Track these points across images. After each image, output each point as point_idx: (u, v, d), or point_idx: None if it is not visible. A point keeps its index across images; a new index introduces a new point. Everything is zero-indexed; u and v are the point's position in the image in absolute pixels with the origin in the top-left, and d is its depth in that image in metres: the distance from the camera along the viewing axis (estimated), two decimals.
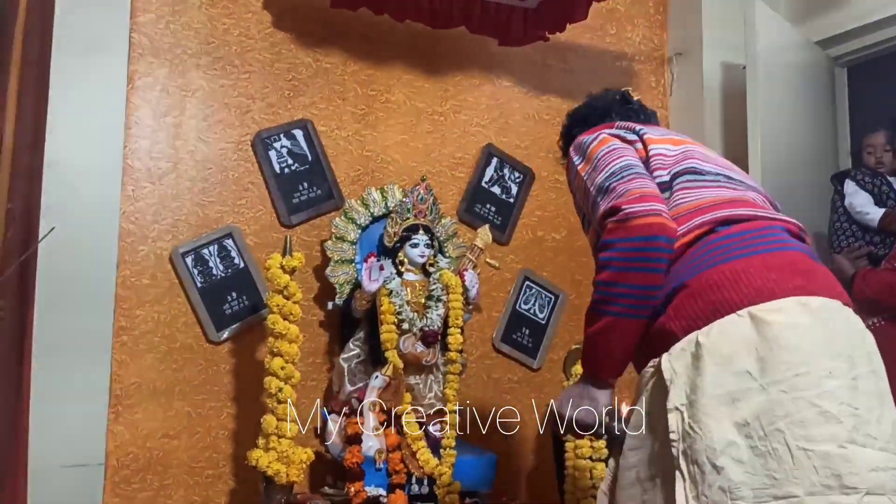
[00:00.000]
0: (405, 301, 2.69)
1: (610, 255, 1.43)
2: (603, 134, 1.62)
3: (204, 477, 2.68)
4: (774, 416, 1.28)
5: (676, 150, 1.60)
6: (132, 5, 2.65)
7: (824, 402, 1.28)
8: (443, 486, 2.56)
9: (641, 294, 1.42)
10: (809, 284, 1.39)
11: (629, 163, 1.53)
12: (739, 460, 1.28)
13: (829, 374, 1.29)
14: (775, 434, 1.27)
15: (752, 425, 1.29)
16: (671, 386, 1.36)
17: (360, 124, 3.05)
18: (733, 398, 1.30)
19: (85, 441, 2.47)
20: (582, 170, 1.60)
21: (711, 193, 1.51)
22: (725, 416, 1.30)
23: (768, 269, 1.38)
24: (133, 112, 2.66)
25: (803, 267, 1.42)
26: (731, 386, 1.31)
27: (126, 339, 2.60)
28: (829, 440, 1.26)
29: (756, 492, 1.27)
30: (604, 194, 1.50)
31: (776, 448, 1.27)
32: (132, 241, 2.63)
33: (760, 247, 1.43)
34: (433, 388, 2.75)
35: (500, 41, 3.18)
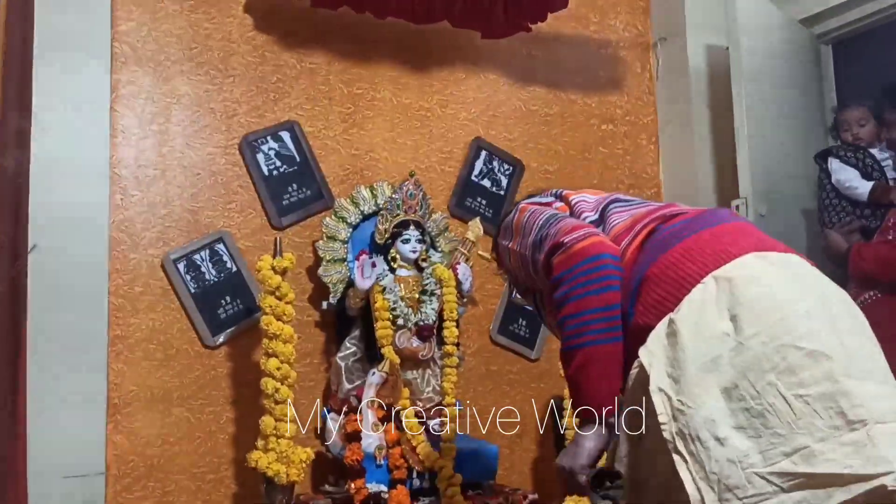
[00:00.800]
0: (399, 297, 2.70)
1: (564, 288, 1.41)
2: (521, 205, 1.64)
3: (206, 482, 2.69)
4: (761, 370, 1.22)
5: (595, 197, 1.63)
6: (113, 14, 2.65)
7: (808, 342, 1.22)
8: (444, 479, 2.56)
9: (606, 315, 1.38)
10: (763, 242, 1.38)
11: (552, 213, 1.54)
12: (740, 426, 1.22)
13: (807, 315, 1.24)
14: (767, 389, 1.21)
15: (741, 386, 1.23)
16: (651, 369, 1.31)
17: (347, 123, 3.06)
18: (717, 364, 1.25)
19: (85, 451, 2.47)
20: (513, 245, 1.60)
21: (643, 209, 1.53)
22: (713, 384, 1.25)
23: (720, 236, 1.38)
24: (118, 121, 2.66)
25: (753, 232, 1.42)
26: (713, 351, 1.26)
27: (122, 347, 2.60)
28: (824, 378, 1.20)
29: (765, 454, 1.20)
30: (540, 246, 1.49)
31: (772, 403, 1.21)
32: (123, 250, 2.63)
33: (705, 223, 1.43)
34: (431, 382, 2.75)
35: (483, 34, 3.18)
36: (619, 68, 3.64)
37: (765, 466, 1.20)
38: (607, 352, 1.38)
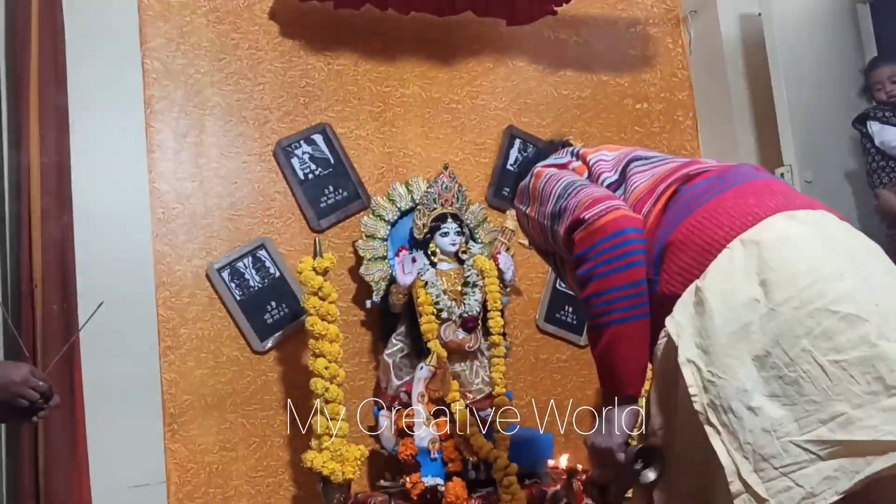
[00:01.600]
0: (441, 290, 2.69)
1: (588, 265, 1.38)
2: (536, 169, 1.60)
3: (264, 485, 2.72)
4: (795, 337, 1.18)
5: (614, 153, 1.59)
6: (141, 31, 2.70)
7: (843, 305, 1.17)
8: (500, 469, 2.54)
9: (633, 292, 1.35)
10: (791, 202, 1.32)
11: (570, 180, 1.50)
12: (773, 395, 1.18)
13: (839, 275, 1.20)
14: (801, 356, 1.17)
15: (773, 354, 1.19)
16: (679, 340, 1.27)
17: (378, 122, 3.06)
18: (747, 331, 1.21)
19: (145, 461, 2.51)
20: (530, 211, 1.58)
21: (665, 167, 1.49)
22: (745, 353, 1.20)
23: (744, 197, 1.33)
24: (154, 136, 2.70)
25: (778, 188, 1.37)
26: (744, 318, 1.21)
27: (173, 357, 2.64)
28: (860, 343, 1.15)
29: (800, 422, 1.16)
30: (559, 218, 1.47)
31: (807, 370, 1.16)
32: (168, 262, 2.68)
33: (729, 183, 1.38)
34: (479, 373, 2.74)
35: (509, 21, 3.16)
36: (650, 45, 3.58)
37: (801, 434, 1.16)
38: (635, 329, 1.34)
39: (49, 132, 2.34)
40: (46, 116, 2.34)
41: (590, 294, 1.37)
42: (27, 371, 1.63)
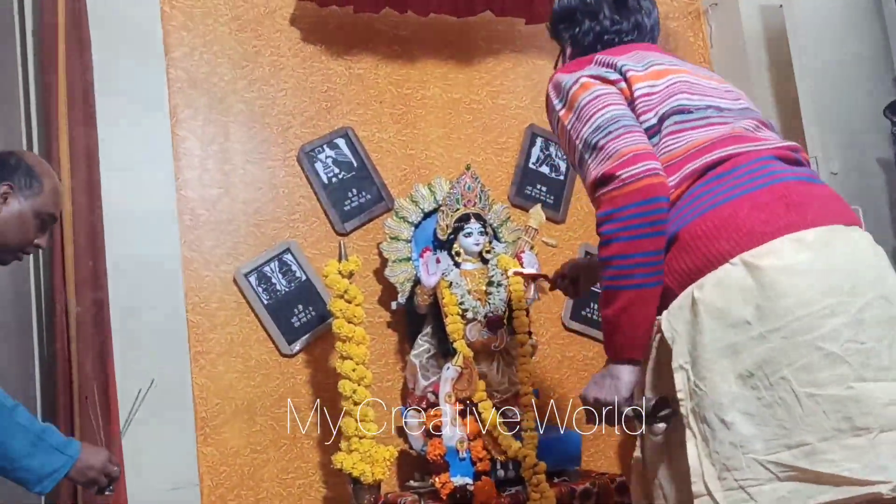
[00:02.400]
0: (466, 290, 2.70)
1: (614, 226, 1.37)
2: (584, 78, 1.51)
3: (296, 487, 2.75)
4: (778, 365, 1.25)
5: (661, 84, 1.50)
6: (165, 41, 2.73)
7: (827, 343, 1.24)
8: (528, 467, 2.55)
9: (655, 259, 1.36)
10: (803, 218, 1.33)
11: (615, 114, 1.44)
12: (748, 413, 1.26)
13: (831, 313, 1.25)
14: (781, 383, 1.24)
15: (756, 375, 1.26)
16: (673, 345, 1.33)
17: (400, 124, 3.08)
18: (735, 350, 1.27)
19: (178, 465, 2.55)
20: (564, 117, 1.51)
21: (699, 135, 1.44)
22: (729, 370, 1.27)
23: (758, 210, 1.34)
24: (179, 144, 2.74)
25: (796, 198, 1.36)
26: (732, 338, 1.28)
27: (203, 362, 2.68)
28: (837, 382, 1.23)
29: (768, 443, 1.24)
30: (592, 151, 1.43)
31: (783, 397, 1.24)
32: (196, 268, 2.71)
33: (747, 185, 1.37)
34: (506, 372, 2.75)
35: (528, 20, 3.16)
36: (671, 39, 3.56)
37: (765, 454, 1.24)
38: (650, 295, 1.37)
39: (78, 145, 2.38)
40: (75, 130, 2.38)
41: (613, 255, 1.37)
42: (105, 458, 1.71)
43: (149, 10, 2.71)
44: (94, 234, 2.38)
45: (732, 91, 1.58)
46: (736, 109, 1.52)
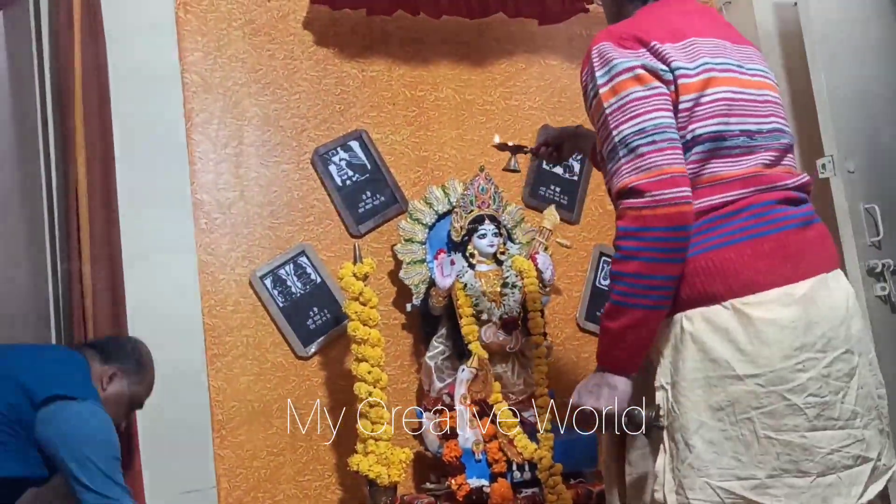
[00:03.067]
0: (480, 292, 2.70)
1: (638, 244, 1.38)
2: (639, 68, 1.45)
3: (312, 489, 2.75)
4: (748, 406, 1.39)
5: (707, 98, 1.46)
6: (180, 46, 2.75)
7: (793, 395, 1.39)
8: (544, 469, 2.55)
9: (671, 284, 1.41)
10: (796, 270, 1.44)
11: (663, 122, 1.42)
12: (710, 441, 1.39)
13: (802, 368, 1.39)
14: (745, 422, 1.39)
15: (725, 410, 1.39)
16: (658, 365, 1.45)
17: (413, 126, 3.08)
18: (710, 384, 1.40)
19: (195, 467, 2.56)
20: (605, 97, 1.46)
21: (722, 170, 1.46)
22: (701, 399, 1.40)
23: (756, 258, 1.42)
24: (195, 148, 2.75)
25: (792, 249, 1.45)
26: (710, 372, 1.40)
27: (220, 365, 2.69)
28: (792, 430, 1.39)
29: (721, 471, 1.39)
30: (630, 153, 1.41)
31: (744, 434, 1.39)
32: (212, 272, 2.73)
33: (752, 230, 1.44)
34: (521, 374, 2.75)
35: (540, 21, 3.16)
36: None
37: (717, 480, 1.39)
38: (660, 316, 1.43)
39: (94, 149, 2.40)
40: (91, 134, 2.40)
41: (632, 272, 1.39)
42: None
43: (164, 16, 2.72)
44: (110, 239, 2.40)
45: (766, 96, 1.55)
46: (765, 131, 1.51)
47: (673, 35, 1.50)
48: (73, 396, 1.71)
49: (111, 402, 1.89)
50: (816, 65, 3.01)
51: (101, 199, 2.38)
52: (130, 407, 1.90)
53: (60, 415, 1.67)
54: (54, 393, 1.69)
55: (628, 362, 1.44)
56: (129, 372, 1.90)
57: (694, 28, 1.53)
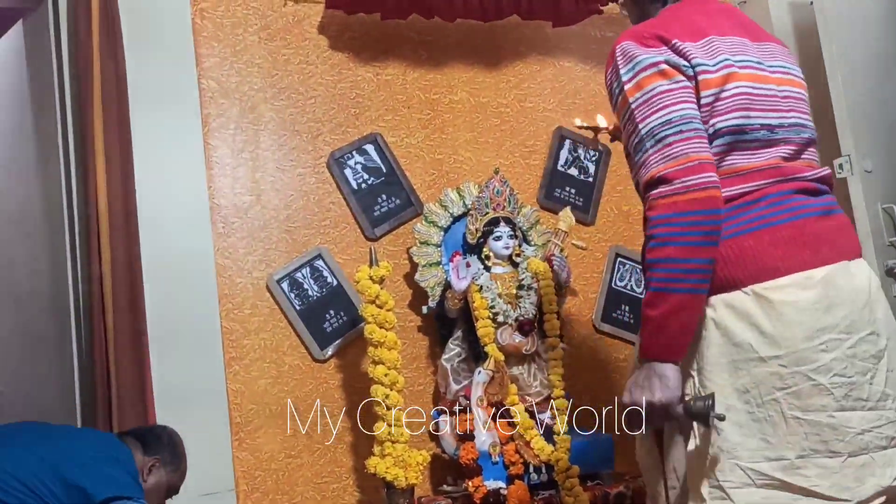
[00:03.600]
0: (496, 294, 2.71)
1: (672, 230, 1.40)
2: (662, 63, 1.48)
3: (330, 491, 2.77)
4: (772, 388, 1.40)
5: (727, 92, 1.48)
6: (196, 52, 2.77)
7: (819, 376, 1.39)
8: (561, 471, 2.55)
9: (708, 267, 1.42)
10: (815, 255, 1.44)
11: (689, 114, 1.45)
12: (738, 423, 1.40)
13: (826, 349, 1.40)
14: (772, 403, 1.40)
15: (751, 392, 1.41)
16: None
17: (428, 129, 3.10)
18: (735, 367, 1.42)
19: (214, 470, 2.57)
20: (630, 93, 1.49)
21: (742, 162, 1.49)
22: (728, 383, 1.42)
23: (775, 245, 1.44)
24: (212, 153, 2.78)
25: (811, 236, 1.46)
26: (734, 356, 1.42)
27: (238, 368, 2.71)
28: (820, 410, 1.39)
29: (751, 452, 1.40)
30: (657, 143, 1.44)
31: (772, 415, 1.40)
32: (229, 276, 2.75)
33: (771, 218, 1.46)
34: (537, 376, 2.75)
35: (554, 23, 3.17)
36: None
37: (747, 462, 1.40)
38: (700, 301, 1.43)
39: (113, 155, 2.43)
40: (110, 139, 2.43)
41: (667, 257, 1.41)
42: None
43: (180, 22, 2.75)
44: (130, 243, 2.43)
45: (787, 91, 1.56)
46: (787, 125, 1.54)
47: (693, 34, 1.53)
48: (129, 497, 1.79)
49: (152, 492, 1.97)
50: (833, 64, 2.99)
51: (120, 205, 2.41)
52: (167, 494, 1.98)
53: None
54: (112, 494, 1.76)
55: (674, 349, 1.43)
56: (167, 462, 1.99)
57: (714, 27, 1.56)
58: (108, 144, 2.44)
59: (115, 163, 2.42)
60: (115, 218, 2.40)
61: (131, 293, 2.41)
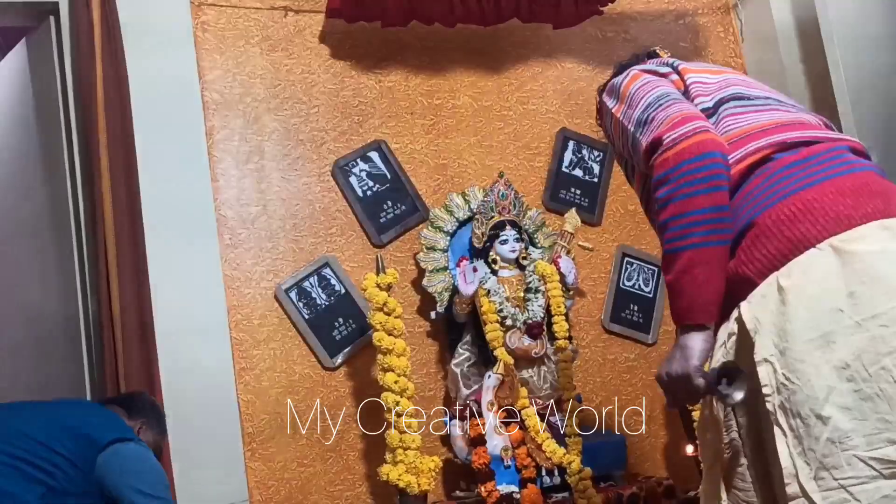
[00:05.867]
0: (504, 298, 2.71)
1: (668, 188, 1.31)
2: (634, 70, 1.51)
3: (343, 499, 2.77)
4: (878, 354, 1.16)
5: (716, 78, 1.48)
6: (199, 65, 2.79)
7: None
8: (574, 473, 2.55)
9: (715, 217, 1.29)
10: (888, 206, 1.27)
11: (665, 91, 1.42)
12: (845, 407, 1.16)
13: None
14: (881, 374, 1.15)
15: (853, 367, 1.17)
16: (756, 337, 1.24)
17: (432, 134, 3.10)
18: (829, 340, 1.19)
19: (228, 481, 2.59)
20: (617, 111, 1.49)
21: (762, 117, 1.39)
22: (823, 361, 1.18)
23: (842, 195, 1.27)
24: (217, 165, 2.79)
25: (878, 188, 1.30)
26: (826, 327, 1.19)
27: (248, 378, 2.72)
28: None
29: (869, 438, 1.16)
30: (643, 127, 1.40)
31: (884, 388, 1.15)
32: (237, 286, 2.76)
33: (828, 171, 1.31)
34: (548, 378, 2.75)
35: (555, 25, 3.17)
36: (701, 36, 3.53)
37: (867, 450, 1.15)
38: (714, 254, 1.29)
39: (118, 168, 2.45)
40: (115, 153, 2.45)
41: (668, 217, 1.31)
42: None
43: (182, 35, 2.76)
44: (137, 257, 2.44)
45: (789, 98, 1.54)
46: (798, 106, 1.48)
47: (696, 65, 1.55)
48: (130, 438, 1.92)
49: None
50: (835, 58, 2.99)
51: (126, 219, 2.42)
52: (155, 454, 2.06)
53: (122, 453, 1.86)
54: (115, 437, 1.88)
55: (696, 309, 1.29)
56: (152, 424, 2.08)
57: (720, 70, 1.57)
58: (113, 159, 2.45)
59: (119, 177, 2.44)
60: (121, 233, 2.42)
61: (140, 307, 2.42)
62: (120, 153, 2.46)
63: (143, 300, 2.44)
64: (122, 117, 2.48)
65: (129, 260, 2.43)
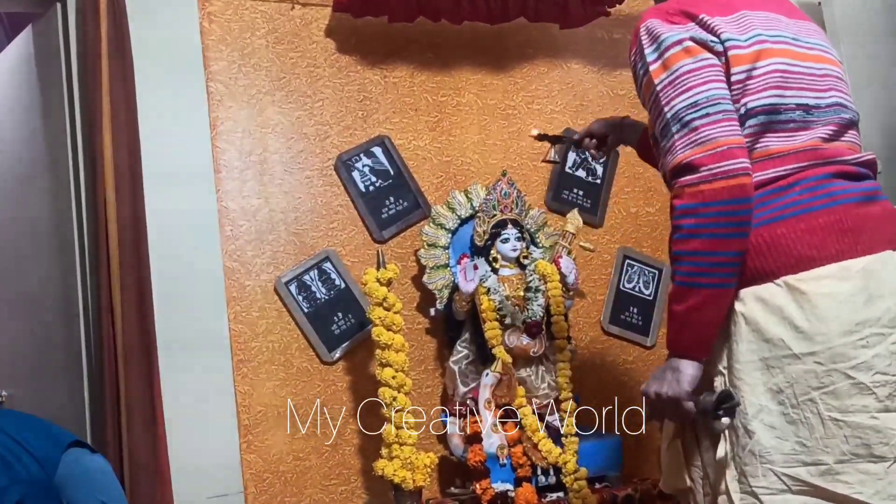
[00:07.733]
0: (504, 296, 2.71)
1: (699, 221, 1.33)
2: (688, 41, 1.41)
3: (338, 493, 2.77)
4: (808, 387, 1.31)
5: (759, 69, 1.41)
6: (204, 55, 2.78)
7: (859, 373, 1.30)
8: (569, 473, 2.55)
9: (737, 260, 1.35)
10: (855, 244, 1.35)
11: (716, 94, 1.37)
12: (771, 426, 1.32)
13: (866, 344, 1.31)
14: (808, 404, 1.31)
15: (785, 392, 1.32)
16: (715, 350, 1.39)
17: (436, 131, 3.10)
18: (768, 365, 1.33)
19: (222, 472, 2.59)
20: (655, 74, 1.42)
21: (777, 144, 1.41)
22: (760, 382, 1.33)
23: (810, 233, 1.35)
24: (220, 156, 2.79)
25: (850, 224, 1.36)
26: (766, 353, 1.33)
27: (246, 370, 2.72)
28: (861, 411, 1.30)
29: (785, 457, 1.31)
30: (683, 128, 1.37)
31: (808, 417, 1.31)
32: (237, 278, 2.76)
33: (806, 204, 1.37)
34: (545, 378, 2.75)
35: (562, 25, 3.16)
36: None
37: (782, 466, 1.31)
38: (727, 295, 1.37)
39: (121, 158, 2.44)
40: (118, 142, 2.44)
41: (694, 250, 1.34)
42: None
43: (188, 26, 2.76)
44: (138, 248, 2.44)
45: (825, 70, 1.48)
46: (824, 106, 1.45)
47: (722, 8, 1.46)
48: (93, 449, 1.91)
49: None
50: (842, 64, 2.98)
51: (129, 209, 2.42)
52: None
53: (84, 459, 1.84)
54: (77, 439, 1.87)
55: (696, 346, 1.37)
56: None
57: (746, 1, 1.49)
58: (117, 150, 2.45)
59: (123, 168, 2.43)
60: (123, 222, 2.42)
61: (140, 297, 2.42)
62: (124, 143, 2.46)
63: (143, 293, 2.43)
64: (127, 106, 2.47)
65: (131, 249, 2.43)
